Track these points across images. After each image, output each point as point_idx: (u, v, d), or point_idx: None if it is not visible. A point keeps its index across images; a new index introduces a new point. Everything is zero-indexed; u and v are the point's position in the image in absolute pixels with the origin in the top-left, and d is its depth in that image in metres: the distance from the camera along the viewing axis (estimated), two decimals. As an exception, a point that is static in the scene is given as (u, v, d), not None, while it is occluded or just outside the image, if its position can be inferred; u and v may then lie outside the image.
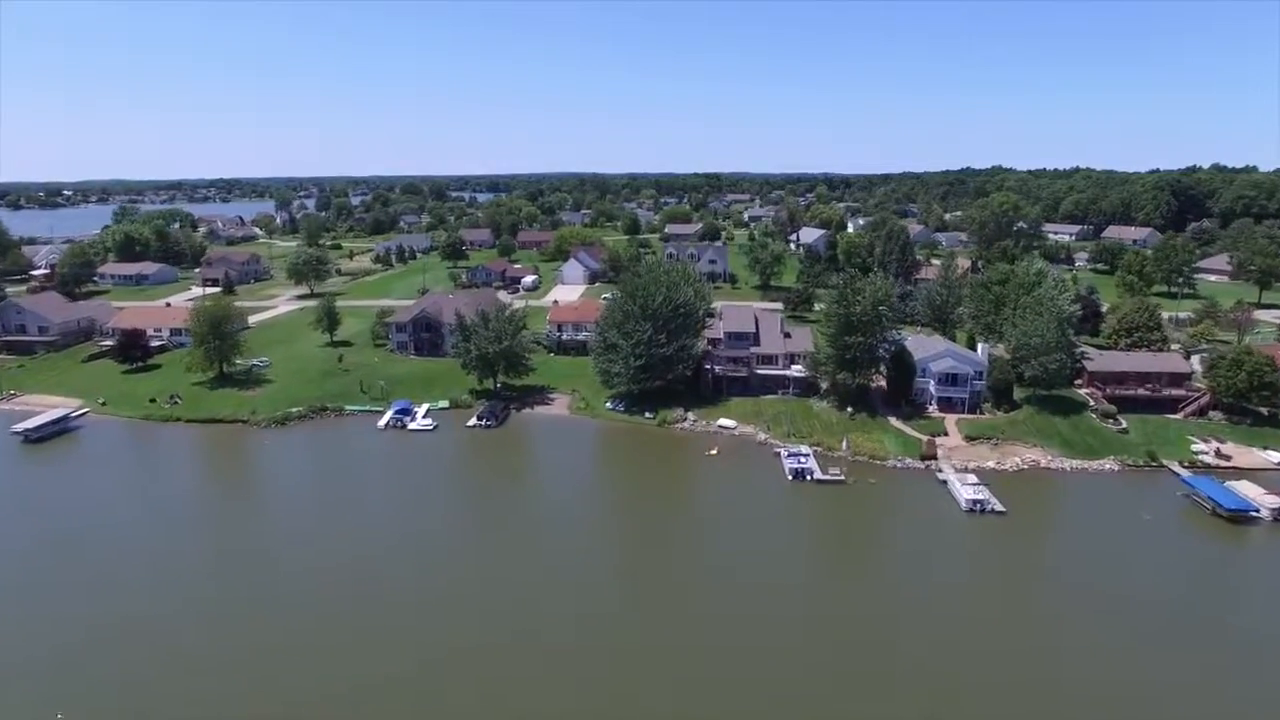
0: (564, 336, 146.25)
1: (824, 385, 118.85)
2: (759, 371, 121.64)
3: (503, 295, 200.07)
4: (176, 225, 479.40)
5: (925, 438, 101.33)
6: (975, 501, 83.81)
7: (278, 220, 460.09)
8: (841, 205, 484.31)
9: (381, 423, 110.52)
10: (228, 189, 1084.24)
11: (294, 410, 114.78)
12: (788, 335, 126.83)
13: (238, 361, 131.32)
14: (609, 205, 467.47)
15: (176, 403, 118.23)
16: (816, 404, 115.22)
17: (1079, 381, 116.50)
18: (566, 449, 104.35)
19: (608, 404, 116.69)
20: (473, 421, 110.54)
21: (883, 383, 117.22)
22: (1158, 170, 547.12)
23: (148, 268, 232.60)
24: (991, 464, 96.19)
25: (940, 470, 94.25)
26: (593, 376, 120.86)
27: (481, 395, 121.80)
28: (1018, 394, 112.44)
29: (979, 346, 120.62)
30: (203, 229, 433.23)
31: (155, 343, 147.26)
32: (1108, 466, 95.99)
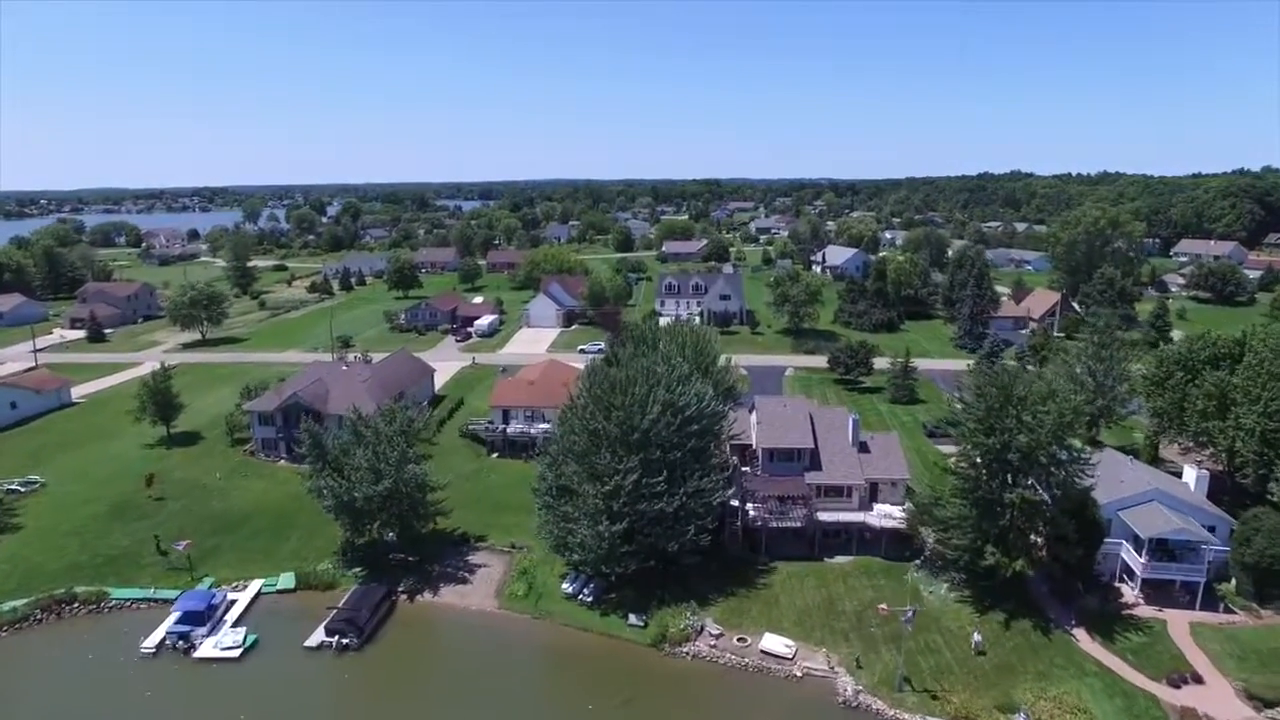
0: (511, 428, 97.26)
1: (928, 538, 70.31)
2: (822, 515, 72.52)
3: (448, 344, 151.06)
4: (123, 239, 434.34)
5: (1178, 709, 52.12)
6: None
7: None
8: (862, 214, 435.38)
9: (149, 642, 60.78)
10: (209, 197, 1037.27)
11: (7, 609, 64.97)
12: (864, 448, 77.73)
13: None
14: (600, 216, 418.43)
15: None
16: (928, 587, 66.21)
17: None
18: (473, 715, 54.85)
19: (566, 584, 67.39)
20: (317, 638, 60.99)
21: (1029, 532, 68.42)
22: (1199, 174, 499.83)
23: (5, 302, 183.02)
24: (1343, 788, 46.93)
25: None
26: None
27: (360, 555, 72.55)
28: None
29: (1188, 473, 71.79)
30: (143, 245, 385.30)
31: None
32: None
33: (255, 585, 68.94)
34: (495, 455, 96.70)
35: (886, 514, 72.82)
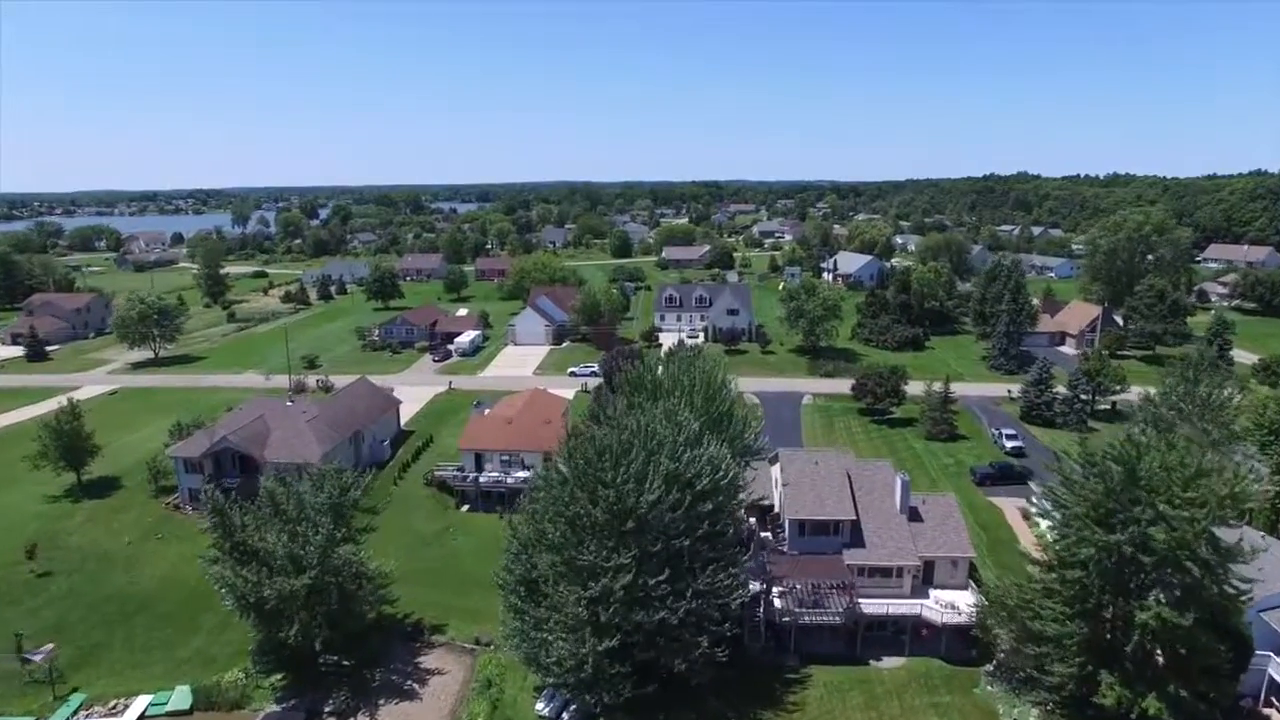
0: (485, 476, 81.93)
1: (1002, 637, 54.74)
2: (866, 605, 57.14)
3: (424, 365, 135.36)
4: (102, 243, 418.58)
5: None
6: None
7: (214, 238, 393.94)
8: (869, 217, 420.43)
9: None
10: (204, 200, 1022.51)
11: None
12: (914, 514, 62.40)
13: None
14: (597, 219, 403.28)
15: None
16: (1009, 709, 50.84)
17: None
18: None
19: (540, 704, 52.03)
20: (202, 797, 45.60)
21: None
22: (1215, 175, 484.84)
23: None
24: None
25: None
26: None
27: (281, 657, 56.87)
28: None
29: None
30: (121, 250, 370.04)
31: None
32: None
33: (139, 705, 53.39)
34: (466, 508, 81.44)
35: (948, 604, 57.45)
